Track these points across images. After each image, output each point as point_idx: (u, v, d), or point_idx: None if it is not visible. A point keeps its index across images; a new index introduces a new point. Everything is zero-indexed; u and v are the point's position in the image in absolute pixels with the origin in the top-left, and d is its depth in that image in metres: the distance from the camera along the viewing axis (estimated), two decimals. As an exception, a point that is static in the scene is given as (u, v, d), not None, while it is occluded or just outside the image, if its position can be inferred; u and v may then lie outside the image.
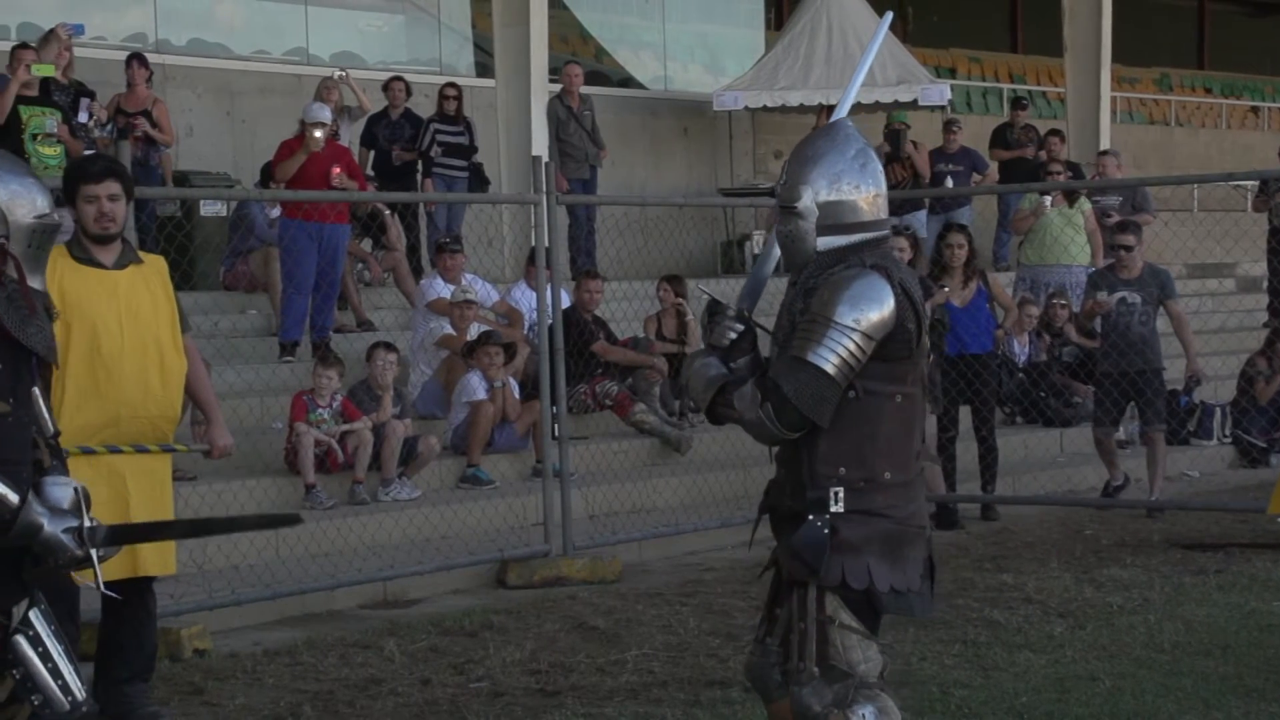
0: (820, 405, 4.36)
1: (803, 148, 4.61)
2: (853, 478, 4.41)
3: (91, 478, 6.12)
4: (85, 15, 14.17)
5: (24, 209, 4.04)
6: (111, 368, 6.19)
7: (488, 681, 6.95)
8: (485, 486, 10.56)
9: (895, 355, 4.43)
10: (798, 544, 4.41)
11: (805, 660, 4.42)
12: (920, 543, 4.55)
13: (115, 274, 6.29)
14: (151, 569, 6.34)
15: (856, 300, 4.37)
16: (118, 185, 6.28)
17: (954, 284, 11.14)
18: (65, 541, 3.99)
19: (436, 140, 14.47)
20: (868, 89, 18.99)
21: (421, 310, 11.78)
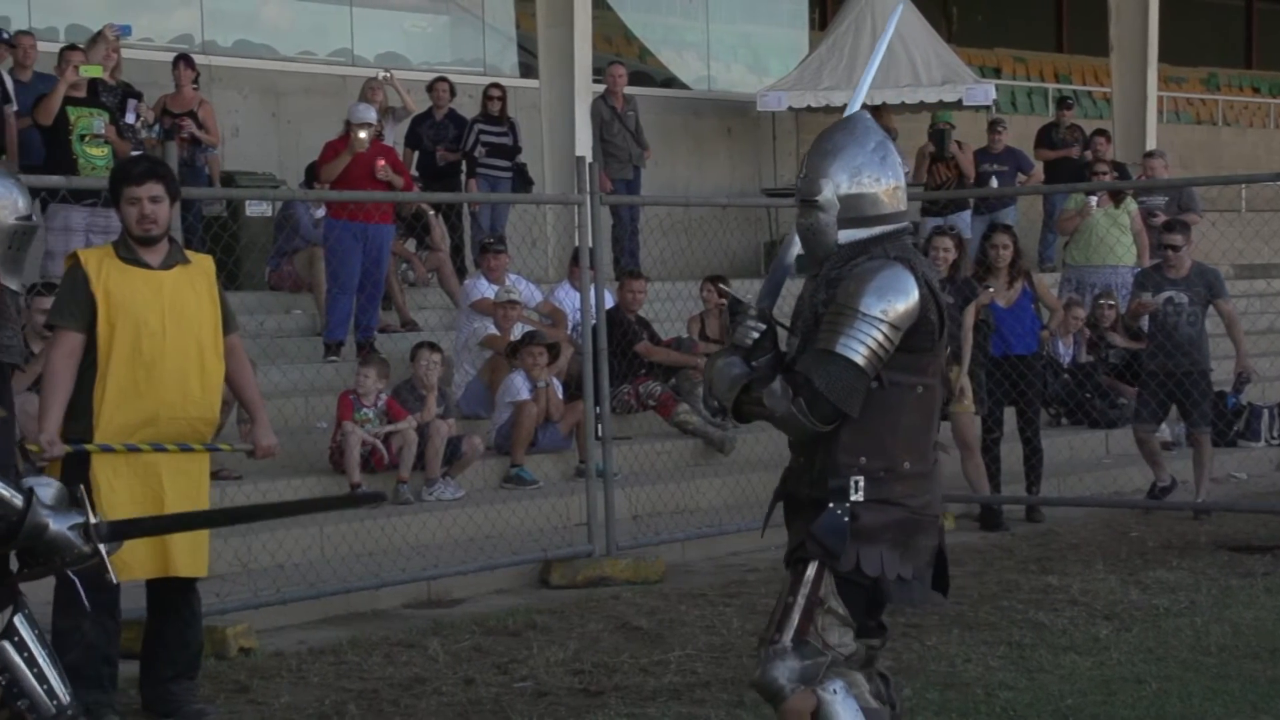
0: (851, 396, 4.40)
1: (822, 141, 4.64)
2: (873, 467, 4.46)
3: (127, 475, 6.17)
4: (132, 16, 14.25)
5: (5, 210, 4.02)
6: (152, 368, 6.20)
7: (531, 681, 6.96)
8: (529, 486, 10.57)
9: (918, 346, 4.47)
10: (819, 530, 4.47)
11: (782, 634, 4.48)
12: (932, 531, 4.60)
13: (160, 274, 6.31)
14: (182, 570, 6.33)
15: (883, 291, 4.40)
16: (160, 187, 6.29)
17: (999, 285, 11.10)
18: (72, 539, 3.98)
19: (480, 141, 14.49)
20: (912, 89, 18.97)
21: (465, 310, 11.80)
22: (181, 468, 6.31)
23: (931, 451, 4.60)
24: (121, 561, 6.14)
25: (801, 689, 4.43)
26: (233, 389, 6.72)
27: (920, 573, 4.57)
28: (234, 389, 6.72)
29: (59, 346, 6.24)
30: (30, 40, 12.52)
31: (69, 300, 6.26)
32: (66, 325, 6.24)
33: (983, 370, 10.96)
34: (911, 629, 7.74)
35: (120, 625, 6.37)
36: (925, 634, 7.63)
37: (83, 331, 6.20)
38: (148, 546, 6.21)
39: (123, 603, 7.01)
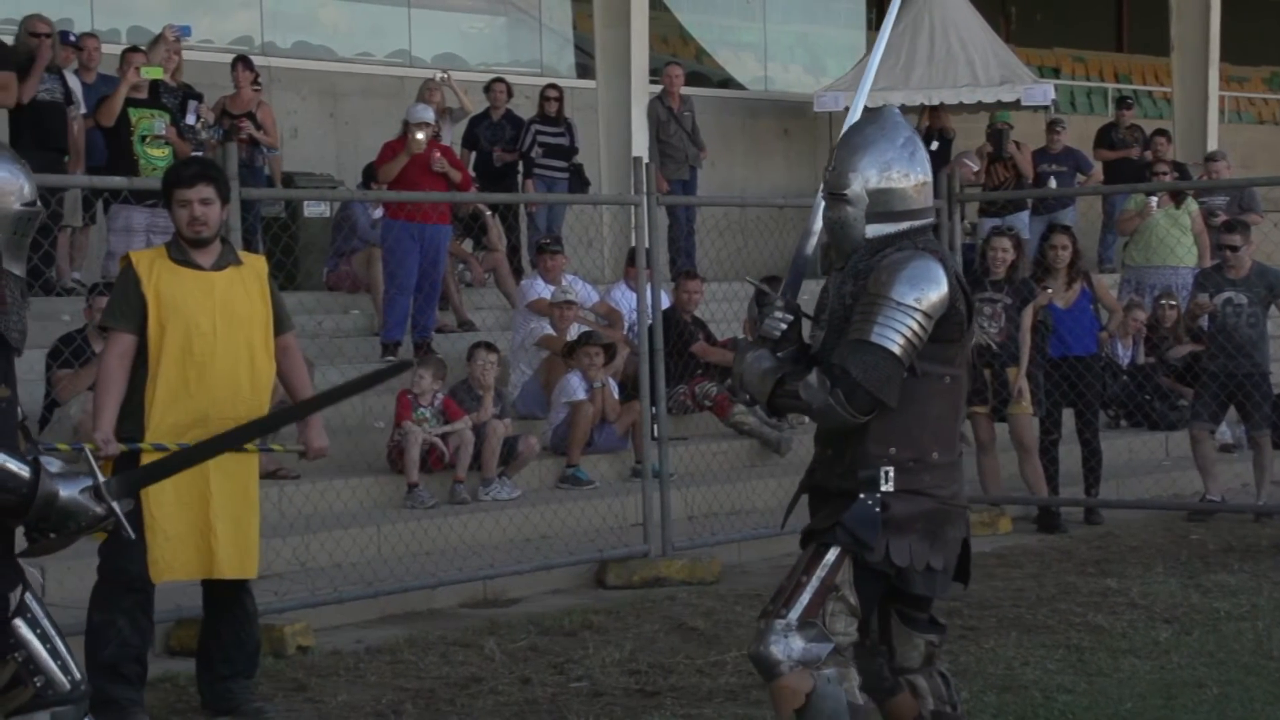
0: (888, 385, 4.43)
1: (851, 135, 4.67)
2: (903, 457, 4.48)
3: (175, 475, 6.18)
4: (193, 18, 14.35)
5: (10, 196, 4.01)
6: (203, 368, 6.22)
7: (587, 681, 6.96)
8: (585, 487, 10.58)
9: (947, 336, 4.52)
10: (850, 521, 4.48)
11: (789, 610, 4.48)
12: (960, 522, 4.64)
13: (212, 275, 6.33)
14: (227, 571, 6.33)
15: (916, 280, 4.44)
16: (210, 189, 6.31)
17: (1057, 285, 11.05)
18: (84, 501, 3.95)
19: (537, 141, 14.53)
20: (970, 89, 18.87)
21: (522, 310, 11.83)
22: (229, 469, 6.30)
23: (957, 442, 4.64)
24: (165, 562, 6.18)
25: (799, 669, 4.44)
26: (287, 389, 6.73)
27: (951, 563, 4.60)
28: (288, 389, 6.73)
29: (112, 347, 6.29)
30: (95, 42, 12.63)
31: (121, 301, 6.30)
32: (119, 326, 6.27)
33: (1041, 371, 10.92)
34: (969, 631, 7.71)
35: (153, 624, 6.37)
36: (983, 636, 7.60)
37: (135, 332, 6.23)
38: (193, 548, 6.23)
39: (181, 601, 7.08)
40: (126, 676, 6.22)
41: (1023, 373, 10.79)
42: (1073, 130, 18.31)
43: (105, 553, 6.27)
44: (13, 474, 3.83)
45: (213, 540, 6.26)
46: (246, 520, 6.38)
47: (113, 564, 6.24)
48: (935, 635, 4.72)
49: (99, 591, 6.29)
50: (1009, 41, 21.64)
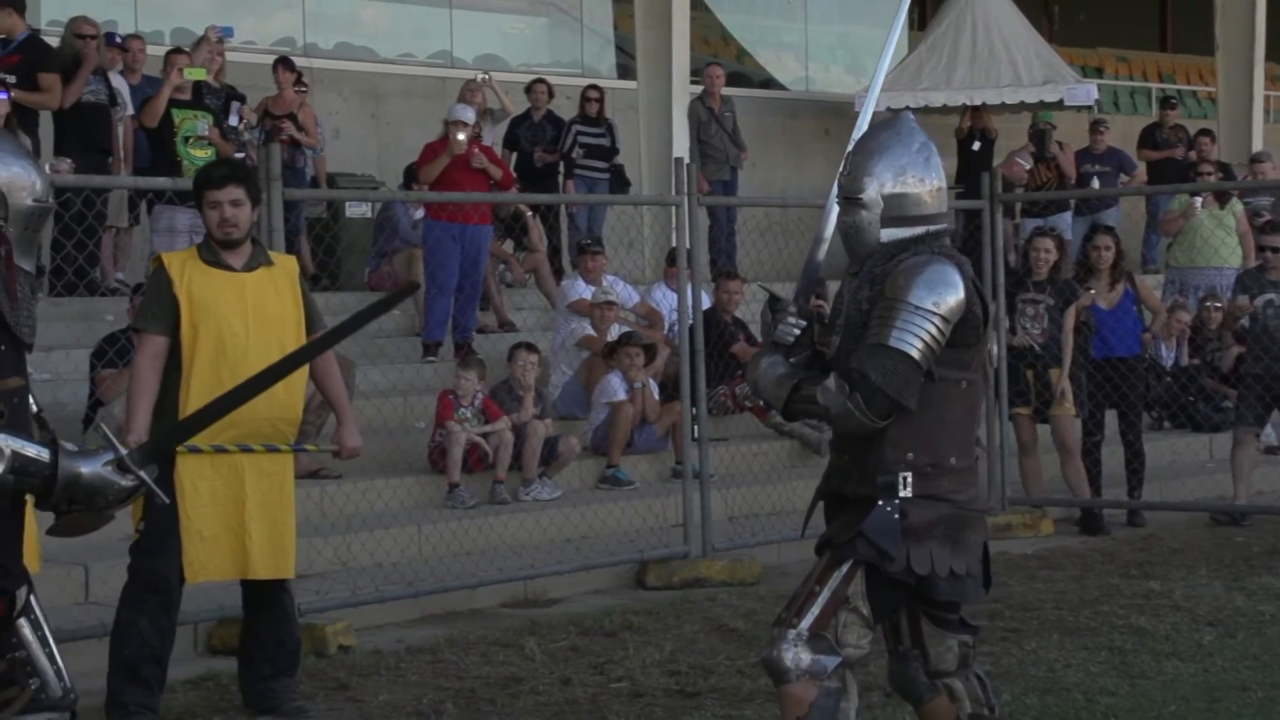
0: (907, 389, 4.42)
1: (867, 140, 4.69)
2: (920, 462, 4.48)
3: (211, 476, 6.20)
4: (235, 19, 14.41)
5: (23, 192, 4.02)
6: (236, 369, 6.18)
7: (628, 682, 6.96)
8: (625, 487, 10.59)
9: (964, 341, 4.51)
10: (869, 529, 4.48)
11: (801, 620, 4.50)
12: (980, 527, 4.62)
13: (243, 276, 6.32)
14: (261, 572, 6.33)
15: (933, 284, 4.44)
16: (240, 191, 6.31)
17: (1100, 286, 11.00)
18: (109, 475, 3.93)
19: (578, 142, 14.54)
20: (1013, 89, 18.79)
21: (563, 311, 11.84)
22: (264, 469, 6.32)
23: (974, 447, 4.63)
24: (200, 563, 6.18)
25: (806, 678, 4.46)
26: (320, 389, 6.72)
27: (974, 569, 4.58)
28: (321, 389, 6.72)
29: (143, 349, 6.28)
30: (140, 44, 12.70)
31: (153, 303, 6.30)
32: (151, 328, 6.27)
33: (1083, 373, 10.87)
34: (1011, 633, 7.68)
35: (175, 627, 6.36)
36: (1024, 638, 7.57)
37: (167, 334, 6.23)
38: (227, 549, 6.24)
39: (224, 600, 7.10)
40: (144, 679, 6.21)
41: (1065, 374, 10.74)
42: (1116, 130, 18.21)
43: (135, 552, 6.29)
44: (32, 459, 3.82)
45: (247, 541, 6.26)
46: (282, 521, 6.38)
47: (140, 563, 6.25)
48: (968, 636, 4.71)
49: (126, 590, 6.31)
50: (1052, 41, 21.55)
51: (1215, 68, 20.43)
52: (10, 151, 4.01)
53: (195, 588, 6.47)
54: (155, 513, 6.12)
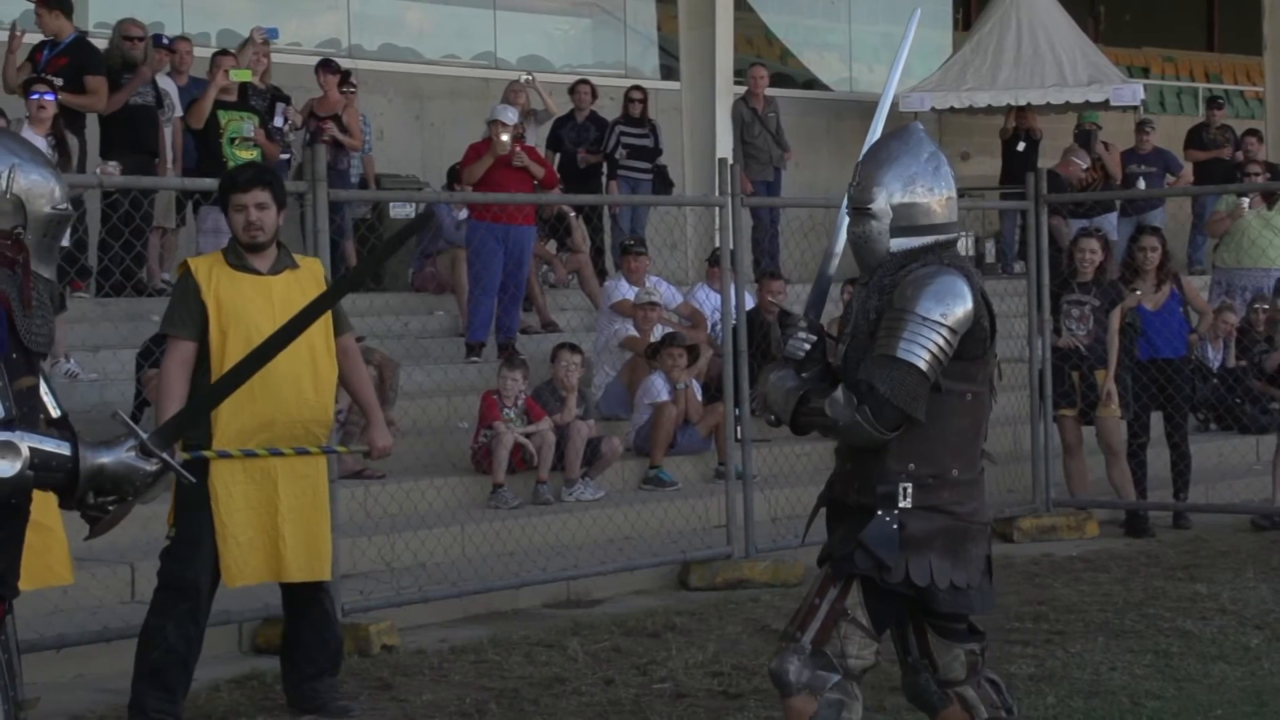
0: (915, 400, 4.42)
1: (876, 150, 4.69)
2: (922, 474, 4.47)
3: (244, 481, 6.19)
4: (281, 21, 14.48)
5: (43, 199, 3.99)
6: (266, 373, 6.08)
7: (670, 683, 6.96)
8: (668, 488, 10.58)
9: (970, 354, 4.50)
10: (867, 539, 4.47)
11: (804, 633, 4.53)
12: (982, 539, 4.61)
13: (270, 280, 6.30)
14: (296, 575, 6.33)
15: (941, 295, 4.43)
16: (266, 194, 6.30)
17: (1146, 287, 10.95)
18: (134, 461, 3.91)
19: (621, 142, 14.55)
20: (1058, 89, 18.72)
21: (606, 312, 11.85)
22: (298, 472, 6.32)
23: (979, 459, 4.62)
24: (237, 568, 6.17)
25: (807, 692, 4.49)
26: (348, 390, 6.70)
27: (976, 581, 4.56)
28: (349, 390, 6.70)
29: (172, 355, 6.26)
30: (187, 45, 12.77)
31: (181, 309, 6.28)
32: (179, 334, 6.26)
33: (1129, 374, 10.81)
34: (1055, 635, 7.65)
35: (202, 634, 6.35)
36: (1069, 641, 7.53)
37: (195, 340, 6.21)
38: (262, 552, 6.24)
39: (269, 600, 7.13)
40: (167, 684, 6.21)
41: (1111, 375, 10.69)
42: (1162, 130, 18.11)
43: (166, 558, 6.30)
44: (52, 453, 3.82)
45: (281, 545, 6.25)
46: (317, 523, 6.37)
47: (170, 569, 6.26)
48: (975, 644, 4.70)
49: (155, 595, 6.32)
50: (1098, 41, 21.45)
51: (1263, 67, 20.25)
52: (30, 159, 4.01)
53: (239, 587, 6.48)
54: (187, 518, 6.16)
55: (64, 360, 10.08)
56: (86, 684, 7.02)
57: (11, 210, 3.93)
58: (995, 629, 7.77)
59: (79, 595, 7.53)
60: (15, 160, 3.96)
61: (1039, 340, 10.85)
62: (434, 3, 17.62)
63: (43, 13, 11.46)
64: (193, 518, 6.16)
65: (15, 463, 3.75)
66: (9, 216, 3.93)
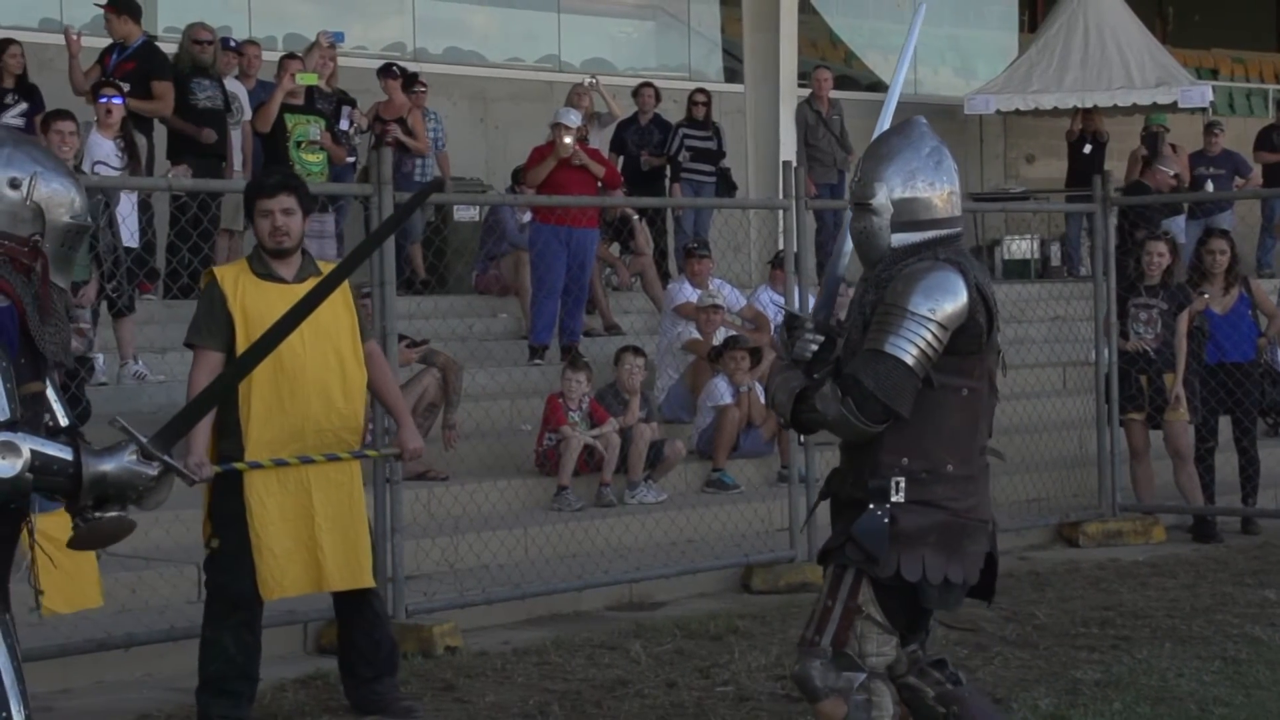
0: (901, 395, 4.42)
1: (878, 145, 4.69)
2: (915, 468, 4.48)
3: (278, 493, 6.17)
4: (347, 25, 14.56)
5: (61, 209, 3.99)
6: (295, 383, 6.18)
7: (733, 686, 6.94)
8: (731, 491, 10.57)
9: (964, 349, 4.49)
10: (858, 532, 4.49)
11: (821, 636, 4.53)
12: (981, 536, 4.59)
13: (296, 288, 6.18)
14: (337, 584, 6.31)
15: (931, 291, 4.44)
16: (292, 199, 6.27)
17: (1215, 291, 10.85)
18: (135, 466, 3.89)
19: (685, 145, 14.55)
20: (1125, 91, 18.58)
21: (668, 314, 11.84)
22: (332, 480, 6.30)
23: (978, 455, 4.60)
24: (275, 580, 6.15)
25: (835, 695, 4.49)
26: (376, 394, 6.67)
27: (973, 578, 4.56)
28: (377, 394, 6.68)
29: (200, 366, 6.23)
30: (256, 49, 12.85)
31: (207, 320, 6.26)
32: (206, 345, 6.24)
33: (1196, 378, 10.72)
34: (1122, 641, 7.59)
35: (260, 641, 6.36)
36: (1136, 647, 7.47)
37: (222, 350, 6.18)
38: (300, 563, 6.22)
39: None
40: (230, 693, 6.24)
41: (1179, 379, 10.60)
42: (1231, 132, 17.94)
43: (212, 569, 6.31)
44: (53, 457, 3.82)
45: (320, 554, 6.23)
46: (354, 530, 6.34)
47: (218, 580, 6.27)
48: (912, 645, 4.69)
49: (207, 608, 6.35)
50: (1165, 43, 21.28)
51: (1334, 68, 20.06)
52: (53, 167, 4.02)
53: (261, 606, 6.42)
54: (228, 530, 6.17)
55: (132, 361, 10.17)
56: (154, 683, 7.08)
57: (31, 218, 3.95)
58: (1061, 634, 7.75)
59: (146, 594, 7.60)
60: (38, 169, 3.97)
61: (1105, 344, 10.77)
62: (498, 6, 17.67)
63: (111, 17, 11.57)
64: (231, 530, 6.17)
65: (15, 463, 3.76)
66: (28, 224, 3.95)
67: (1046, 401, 12.09)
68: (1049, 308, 14.68)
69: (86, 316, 9.24)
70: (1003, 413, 11.89)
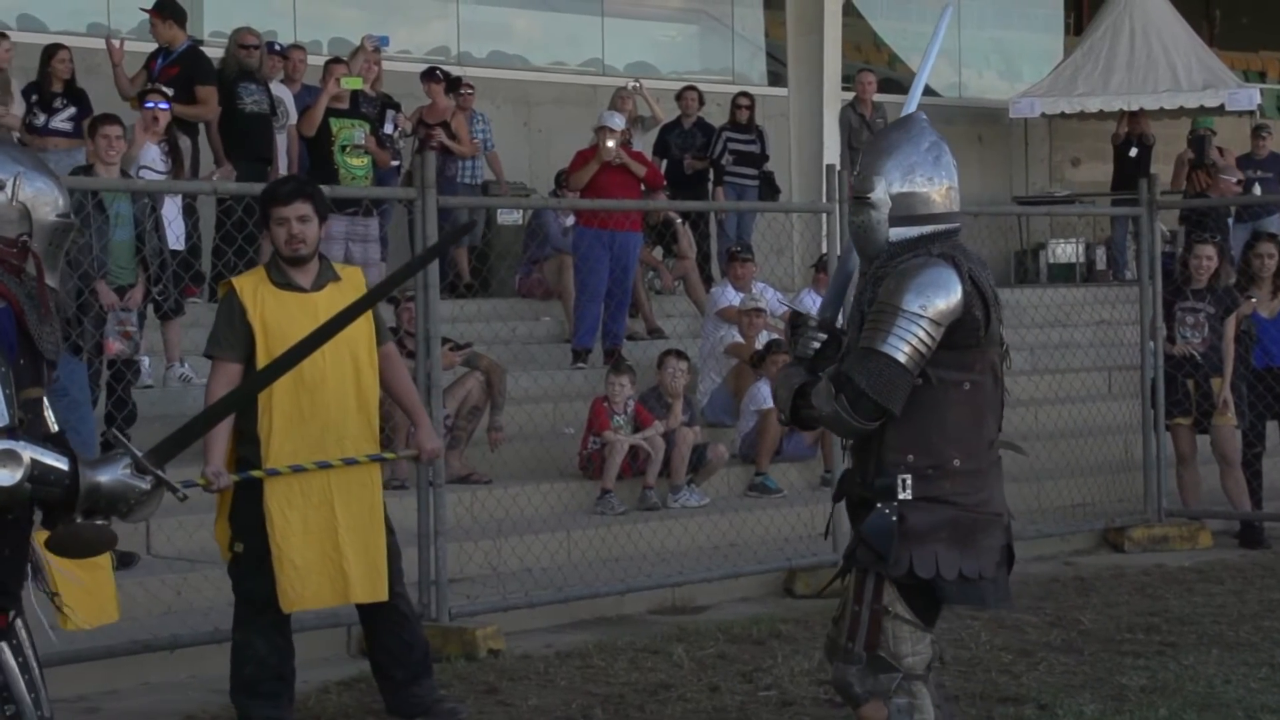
0: (893, 393, 4.43)
1: (877, 140, 4.76)
2: (921, 465, 4.49)
3: (301, 505, 6.14)
4: (391, 29, 14.61)
5: (47, 207, 4.02)
6: (315, 393, 6.17)
7: (776, 690, 6.93)
8: (773, 495, 10.55)
9: (962, 343, 4.50)
10: (866, 531, 4.50)
11: (854, 642, 4.54)
12: (995, 530, 4.58)
13: (315, 296, 6.22)
14: (361, 597, 6.27)
15: (923, 288, 4.44)
16: (308, 207, 6.23)
17: (1262, 295, 10.79)
18: (129, 480, 3.89)
19: (728, 149, 14.53)
20: (1171, 93, 18.47)
21: (711, 318, 11.83)
22: (354, 492, 6.27)
23: (987, 449, 4.59)
24: (295, 592, 6.12)
25: (875, 699, 4.50)
26: (393, 396, 6.66)
27: (989, 572, 4.54)
28: (394, 396, 6.67)
29: (218, 377, 6.22)
30: (301, 54, 12.90)
31: (226, 331, 6.24)
32: (225, 356, 6.23)
33: (1244, 383, 10.65)
34: (1168, 647, 7.54)
35: (292, 642, 6.35)
36: (1182, 653, 7.42)
37: (241, 361, 6.18)
38: (325, 576, 6.19)
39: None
40: (265, 694, 6.24)
41: (1227, 384, 10.53)
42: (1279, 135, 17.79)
43: (236, 574, 6.30)
44: (52, 466, 3.82)
45: (345, 565, 6.20)
46: (375, 543, 6.30)
47: (244, 585, 6.26)
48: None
49: (236, 612, 6.34)
50: (1212, 45, 21.14)
51: (1384, 71, 19.90)
52: (34, 167, 4.04)
53: None
54: (250, 535, 6.16)
55: (178, 364, 10.23)
56: (199, 684, 7.11)
57: (17, 218, 3.97)
58: (1106, 640, 7.71)
59: (191, 596, 7.65)
60: (20, 169, 4.00)
61: (1151, 348, 10.71)
62: (542, 10, 17.69)
63: (156, 21, 11.64)
64: (252, 535, 6.16)
65: (16, 472, 3.76)
66: (14, 224, 3.97)
67: (1092, 406, 12.04)
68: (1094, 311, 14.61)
69: (133, 319, 9.28)
70: (1048, 417, 12.02)
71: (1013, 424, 12.19)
